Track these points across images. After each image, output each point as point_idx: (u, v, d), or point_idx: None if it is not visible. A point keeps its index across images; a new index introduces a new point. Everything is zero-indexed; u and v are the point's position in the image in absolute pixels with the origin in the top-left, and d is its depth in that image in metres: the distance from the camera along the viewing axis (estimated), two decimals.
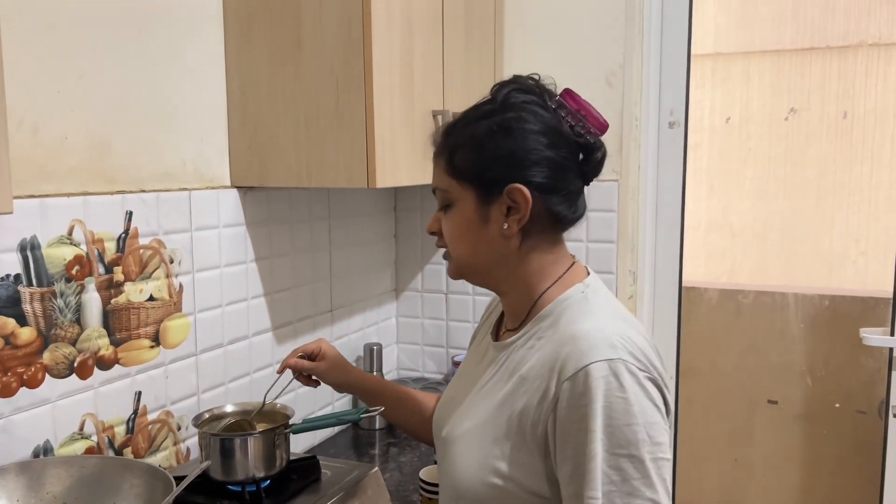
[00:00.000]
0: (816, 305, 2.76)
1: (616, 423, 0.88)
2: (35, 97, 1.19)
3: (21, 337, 1.17)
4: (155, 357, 1.42)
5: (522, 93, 1.01)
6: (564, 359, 0.92)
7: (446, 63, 1.71)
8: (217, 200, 1.55)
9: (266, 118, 1.54)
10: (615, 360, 0.90)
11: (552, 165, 0.99)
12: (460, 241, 1.04)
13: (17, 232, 1.16)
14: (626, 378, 0.89)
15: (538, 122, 0.99)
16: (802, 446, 2.81)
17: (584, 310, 0.99)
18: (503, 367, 1.03)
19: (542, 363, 0.96)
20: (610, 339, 0.92)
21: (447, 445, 1.05)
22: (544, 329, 1.00)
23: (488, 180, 0.99)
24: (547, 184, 0.99)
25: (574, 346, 0.93)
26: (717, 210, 5.04)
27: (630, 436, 0.88)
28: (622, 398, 0.88)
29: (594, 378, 0.89)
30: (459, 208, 1.02)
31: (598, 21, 1.94)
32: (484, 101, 1.04)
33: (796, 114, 4.84)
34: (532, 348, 1.00)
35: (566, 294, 1.01)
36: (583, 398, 0.89)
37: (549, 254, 1.03)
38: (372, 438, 1.92)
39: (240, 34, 1.53)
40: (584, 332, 0.94)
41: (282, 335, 1.76)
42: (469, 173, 1.01)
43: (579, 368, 0.90)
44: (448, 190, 1.03)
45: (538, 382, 0.95)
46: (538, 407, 0.93)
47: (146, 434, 1.41)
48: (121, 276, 1.33)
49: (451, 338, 2.21)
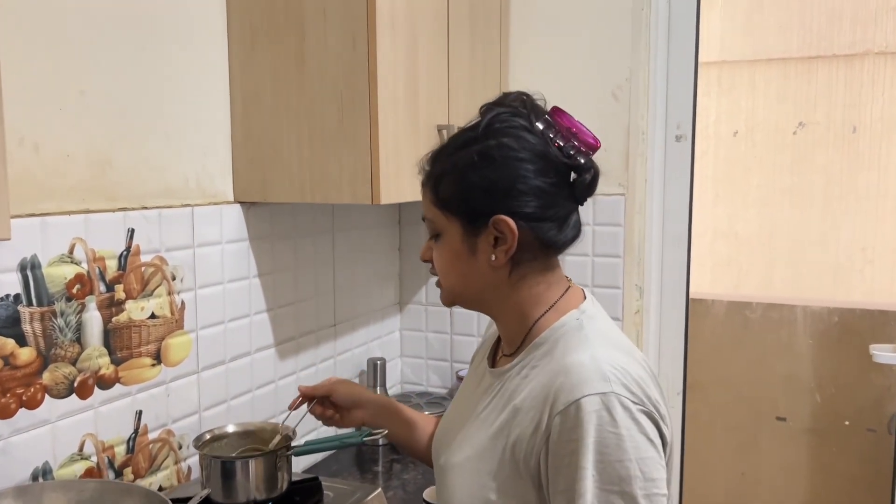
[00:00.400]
0: (825, 320, 2.73)
1: (608, 458, 0.85)
2: (36, 114, 1.17)
3: (20, 357, 1.15)
4: (156, 375, 1.40)
5: (509, 115, 0.98)
6: (557, 391, 0.90)
7: (451, 78, 1.70)
8: (220, 216, 1.53)
9: (269, 133, 1.52)
10: (608, 394, 0.87)
11: (539, 193, 0.96)
12: (450, 271, 1.02)
13: (17, 251, 1.14)
14: (618, 412, 0.86)
15: (524, 148, 0.96)
16: (810, 462, 2.78)
17: (579, 338, 0.96)
18: (498, 395, 1.01)
19: (536, 394, 0.93)
20: (603, 370, 0.89)
21: (445, 473, 1.04)
22: (538, 358, 0.97)
23: (473, 212, 0.97)
24: (535, 213, 0.96)
25: (567, 378, 0.90)
26: (723, 218, 5.02)
27: (622, 472, 0.85)
28: (614, 433, 0.86)
29: (586, 412, 0.86)
30: (447, 239, 1.00)
31: (605, 35, 1.93)
32: (468, 126, 1.01)
33: (804, 127, 4.82)
34: (526, 378, 0.97)
35: (561, 321, 0.99)
36: (574, 433, 0.87)
37: (541, 280, 1.01)
38: (375, 455, 1.90)
39: (243, 49, 1.52)
40: (577, 363, 0.91)
41: (284, 351, 1.75)
42: (454, 204, 0.98)
43: (570, 402, 0.87)
44: (435, 220, 1.01)
45: (532, 414, 0.92)
46: (531, 439, 0.91)
47: (147, 453, 1.39)
48: (122, 295, 1.32)
49: (456, 352, 2.19)
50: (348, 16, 1.43)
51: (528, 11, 2.00)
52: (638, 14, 1.91)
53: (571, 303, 1.01)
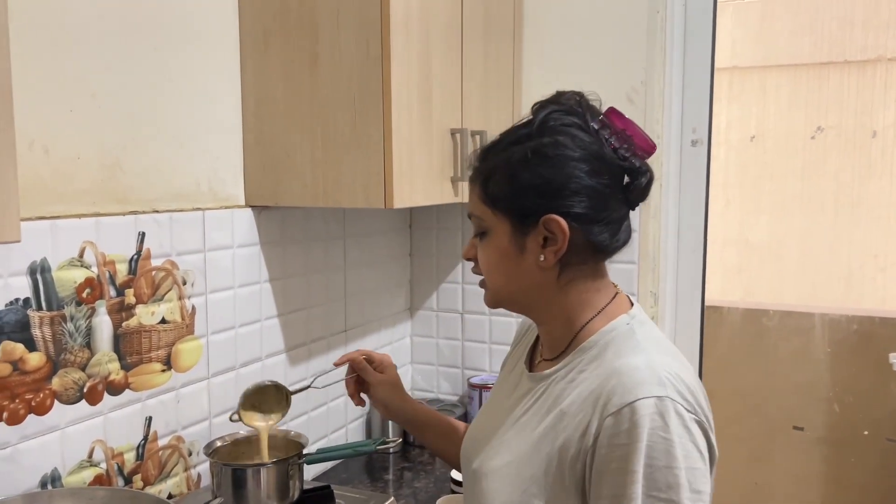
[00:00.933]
0: (844, 328, 2.69)
1: (657, 464, 0.83)
2: (47, 117, 1.16)
3: (30, 362, 1.14)
4: (166, 381, 1.38)
5: (563, 114, 0.96)
6: (609, 393, 0.88)
7: (465, 81, 1.68)
8: (231, 220, 1.52)
9: (282, 137, 1.51)
10: (663, 399, 0.85)
11: (592, 194, 0.93)
12: (496, 270, 0.99)
13: (27, 255, 1.13)
14: (672, 418, 0.84)
15: (578, 147, 0.93)
16: (827, 473, 2.74)
17: (631, 343, 0.94)
18: (541, 399, 0.98)
19: (585, 397, 0.91)
20: (659, 375, 0.87)
21: (478, 479, 1.01)
22: (587, 361, 0.95)
23: (523, 210, 0.94)
24: (587, 214, 0.93)
25: (620, 380, 0.88)
26: (734, 225, 4.98)
27: (670, 479, 0.83)
28: (665, 439, 0.84)
29: (640, 415, 0.84)
30: (494, 237, 0.98)
31: (620, 37, 1.91)
32: (521, 123, 0.98)
33: (818, 134, 4.78)
34: (573, 382, 0.94)
35: (611, 325, 0.96)
36: (625, 436, 0.85)
37: (590, 283, 0.98)
38: (386, 463, 1.88)
39: (255, 51, 1.51)
40: (631, 366, 0.89)
41: (295, 357, 1.73)
42: (504, 202, 0.96)
43: (625, 404, 0.85)
44: (483, 217, 0.99)
45: (580, 417, 0.90)
46: (578, 442, 0.89)
47: (156, 460, 1.37)
48: (132, 299, 1.30)
49: (467, 358, 2.17)
50: (362, 19, 1.41)
51: (541, 14, 1.98)
52: (653, 17, 1.89)
53: (620, 308, 0.99)
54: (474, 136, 1.70)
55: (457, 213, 2.12)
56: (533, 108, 0.99)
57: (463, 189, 1.69)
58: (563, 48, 1.96)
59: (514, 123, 1.00)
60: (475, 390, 2.04)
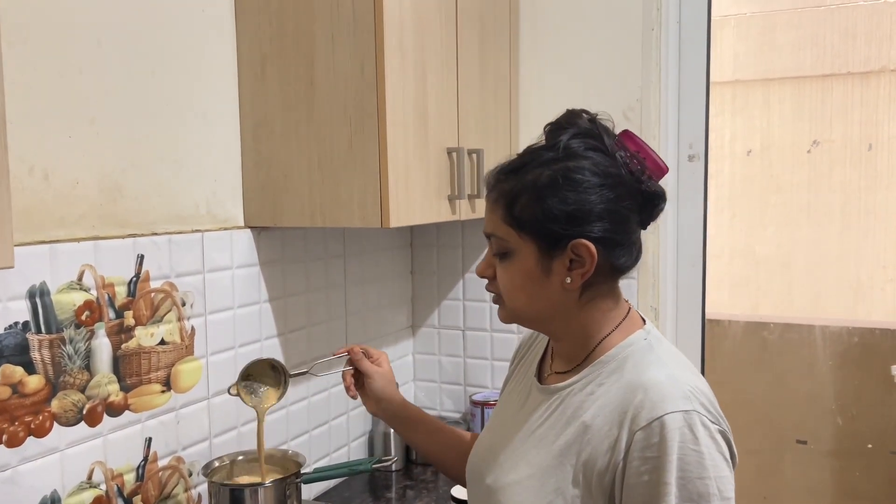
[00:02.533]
0: (845, 341, 2.68)
1: (689, 475, 0.87)
2: (46, 143, 1.18)
3: (29, 385, 1.15)
4: (166, 402, 1.40)
5: (583, 137, 0.97)
6: (637, 407, 0.91)
7: (461, 100, 1.70)
8: (230, 241, 1.53)
9: (279, 158, 1.53)
10: (690, 412, 0.89)
11: (616, 218, 0.96)
12: (519, 291, 1.00)
13: (26, 279, 1.15)
14: (700, 430, 0.88)
15: (602, 172, 0.95)
16: (833, 486, 2.72)
17: (651, 358, 0.97)
18: (557, 411, 1.00)
19: (610, 410, 0.94)
20: (683, 389, 0.91)
21: (494, 493, 1.02)
22: (606, 375, 0.97)
23: (552, 234, 0.96)
24: (611, 237, 0.96)
25: (647, 395, 0.91)
26: (741, 238, 4.98)
27: (702, 489, 0.87)
28: (696, 451, 0.88)
29: (669, 429, 0.88)
30: (519, 259, 0.98)
31: (615, 56, 1.92)
32: (544, 145, 0.99)
33: (819, 146, 4.78)
34: (593, 394, 0.97)
35: (629, 340, 0.99)
36: (656, 449, 0.88)
37: (608, 301, 1.01)
38: (388, 481, 1.88)
39: (253, 75, 1.53)
40: (656, 381, 0.93)
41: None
42: (531, 225, 0.96)
43: (654, 418, 0.89)
44: (506, 239, 0.99)
45: (606, 429, 0.93)
46: (606, 455, 0.92)
47: (156, 481, 1.38)
48: (132, 321, 1.32)
49: (469, 375, 2.17)
50: (357, 41, 1.43)
51: (537, 33, 2.00)
52: (648, 34, 1.90)
53: (635, 324, 1.02)
54: (471, 155, 1.72)
55: (457, 231, 2.13)
56: (547, 130, 1.00)
57: (460, 207, 1.70)
58: (559, 67, 1.98)
59: (533, 145, 1.01)
60: (477, 407, 2.04)
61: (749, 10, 4.97)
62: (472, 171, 1.73)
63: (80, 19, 1.22)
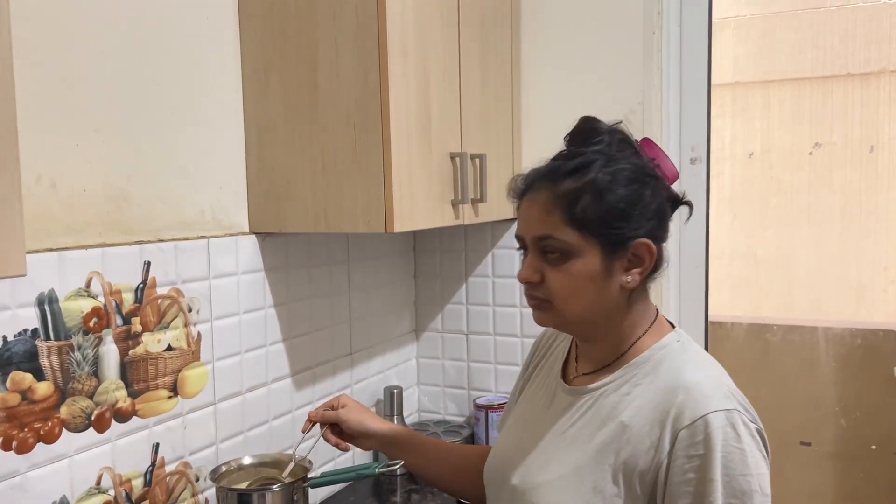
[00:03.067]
0: (847, 342, 2.69)
1: (733, 472, 0.90)
2: (53, 152, 1.19)
3: (38, 392, 1.16)
4: (173, 407, 1.40)
5: (622, 142, 1.00)
6: (680, 407, 0.93)
7: (463, 105, 1.71)
8: (235, 247, 1.54)
9: (283, 165, 1.53)
10: (731, 411, 0.92)
11: (661, 216, 1.00)
12: (578, 295, 0.99)
13: (35, 286, 1.15)
14: (741, 429, 0.91)
15: (647, 173, 0.98)
16: (837, 488, 2.72)
17: (686, 359, 1.00)
18: (590, 412, 1.01)
19: (650, 410, 0.96)
20: (723, 390, 0.95)
21: (523, 494, 1.03)
22: (641, 376, 1.00)
23: (616, 234, 0.97)
24: (660, 236, 1.00)
25: (688, 395, 0.94)
26: (741, 239, 4.98)
27: (745, 486, 0.90)
28: (738, 448, 0.90)
29: (713, 427, 0.90)
30: (581, 260, 0.98)
31: (616, 60, 1.93)
32: (593, 148, 0.99)
33: (820, 147, 4.78)
34: (629, 395, 0.99)
35: (662, 342, 1.02)
36: (701, 447, 0.90)
37: (644, 303, 1.04)
38: (393, 485, 1.88)
39: (257, 82, 1.54)
40: (696, 381, 0.95)
41: (301, 381, 1.74)
42: (594, 225, 0.97)
43: (697, 417, 0.91)
44: (568, 241, 0.97)
45: (647, 429, 0.95)
46: (648, 454, 0.94)
47: (164, 486, 1.39)
48: (139, 327, 1.33)
49: (473, 379, 2.17)
50: (360, 47, 1.44)
51: (538, 37, 2.01)
52: (649, 38, 1.91)
53: (664, 326, 1.06)
54: (474, 160, 1.73)
55: (460, 235, 2.14)
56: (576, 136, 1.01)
57: (464, 212, 1.71)
58: (561, 71, 1.99)
59: (572, 149, 1.01)
60: (481, 411, 2.04)
61: (749, 12, 4.98)
62: (475, 175, 1.74)
63: (85, 30, 1.23)
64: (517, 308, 2.08)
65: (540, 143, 1.99)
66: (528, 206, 1.01)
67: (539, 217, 1.00)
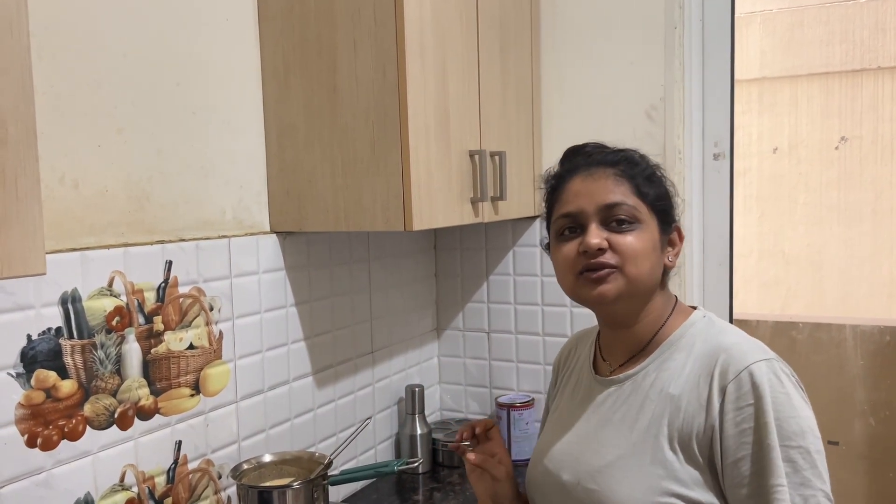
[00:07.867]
0: (877, 340, 2.63)
1: (783, 415, 0.95)
2: (76, 153, 1.21)
3: (62, 390, 1.18)
4: (195, 405, 1.42)
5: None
6: (723, 365, 0.99)
7: (483, 103, 1.70)
8: (256, 246, 1.55)
9: (304, 164, 1.54)
10: (771, 361, 0.99)
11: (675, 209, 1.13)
12: (646, 258, 1.06)
13: (59, 285, 1.17)
14: (783, 376, 0.98)
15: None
16: (867, 489, 2.67)
17: (718, 329, 1.07)
18: (631, 396, 1.06)
19: (694, 377, 1.01)
20: (760, 345, 1.02)
21: (577, 485, 1.05)
22: (677, 351, 1.06)
23: (667, 216, 1.10)
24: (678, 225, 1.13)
25: (728, 353, 1.00)
26: (769, 237, 4.91)
27: (795, 427, 0.95)
28: (784, 393, 0.96)
29: (758, 376, 0.96)
30: (648, 230, 1.06)
31: (638, 55, 1.91)
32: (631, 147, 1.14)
33: (847, 142, 4.70)
34: (668, 370, 1.04)
35: (690, 320, 1.09)
36: (750, 396, 0.96)
37: (667, 289, 1.13)
38: (415, 483, 1.89)
39: (276, 82, 1.55)
40: (733, 342, 1.02)
41: (322, 379, 1.75)
42: (657, 203, 1.08)
43: (741, 369, 0.97)
44: (637, 209, 1.06)
45: (695, 394, 1.00)
46: (700, 416, 0.99)
47: (187, 484, 1.40)
48: (161, 326, 1.34)
49: (495, 377, 2.17)
50: (378, 46, 1.44)
51: (558, 34, 2.00)
52: (671, 33, 1.89)
53: (686, 308, 1.13)
54: (493, 157, 1.72)
55: (480, 233, 2.13)
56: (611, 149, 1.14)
57: (483, 210, 1.70)
58: (581, 67, 1.97)
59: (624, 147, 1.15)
60: (503, 409, 2.04)
61: (776, 6, 4.91)
62: (495, 173, 1.73)
63: (107, 32, 1.25)
64: (538, 306, 2.07)
65: (561, 140, 1.98)
66: (590, 180, 1.08)
67: (608, 187, 1.07)
